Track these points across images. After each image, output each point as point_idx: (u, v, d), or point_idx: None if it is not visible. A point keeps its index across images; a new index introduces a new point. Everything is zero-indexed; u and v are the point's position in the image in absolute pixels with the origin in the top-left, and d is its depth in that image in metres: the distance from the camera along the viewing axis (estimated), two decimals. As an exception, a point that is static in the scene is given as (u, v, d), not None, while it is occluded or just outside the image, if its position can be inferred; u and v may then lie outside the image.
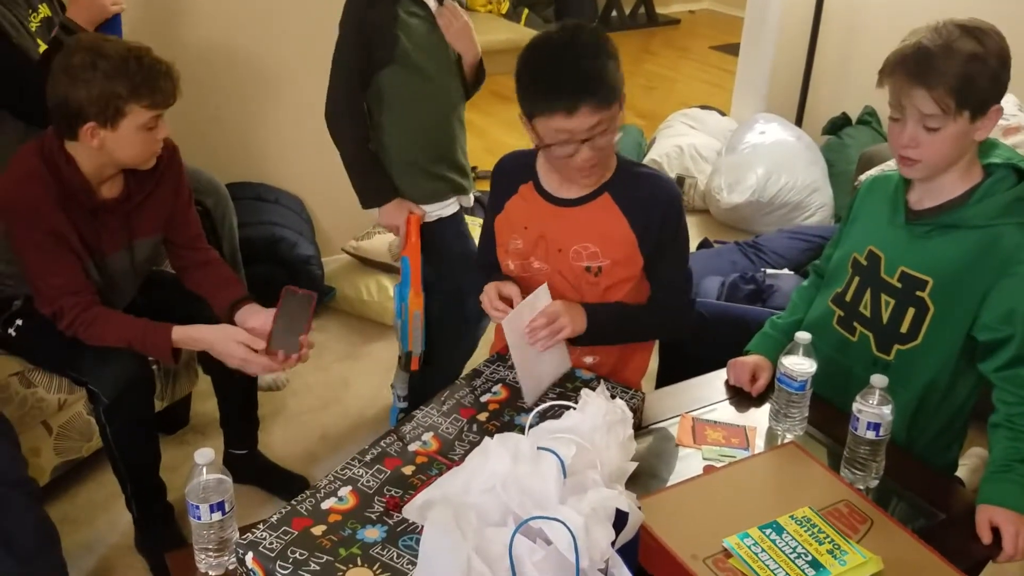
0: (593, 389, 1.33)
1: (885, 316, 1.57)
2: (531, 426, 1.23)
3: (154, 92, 1.72)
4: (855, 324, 1.61)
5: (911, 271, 1.52)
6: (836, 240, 1.73)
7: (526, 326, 1.53)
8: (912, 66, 1.41)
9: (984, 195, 1.47)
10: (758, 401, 1.66)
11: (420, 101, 2.11)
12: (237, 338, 1.79)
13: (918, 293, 1.52)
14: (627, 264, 1.64)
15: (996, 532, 1.36)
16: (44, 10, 2.18)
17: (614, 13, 6.86)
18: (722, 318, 2.24)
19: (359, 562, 1.17)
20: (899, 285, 1.54)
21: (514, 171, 1.71)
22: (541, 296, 1.57)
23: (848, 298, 1.62)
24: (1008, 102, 2.87)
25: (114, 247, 1.89)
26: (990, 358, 1.48)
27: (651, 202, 1.62)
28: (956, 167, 1.48)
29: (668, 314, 1.70)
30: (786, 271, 2.75)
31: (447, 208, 2.24)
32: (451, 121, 2.19)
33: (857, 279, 1.61)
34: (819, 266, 1.79)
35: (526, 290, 1.61)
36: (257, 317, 1.89)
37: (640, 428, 1.57)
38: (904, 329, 1.55)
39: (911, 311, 1.53)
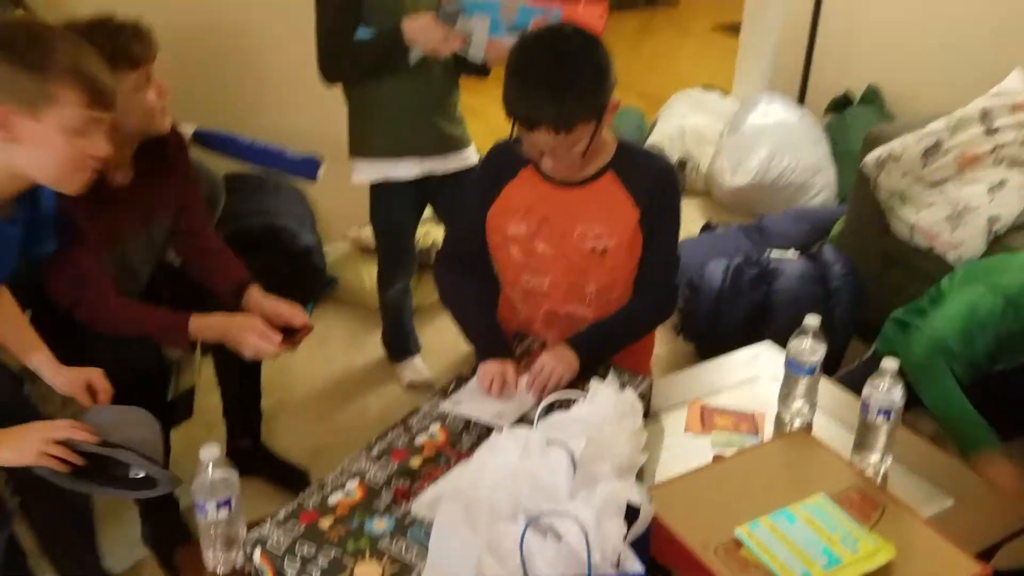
0: (603, 377, 1.31)
1: None
2: (539, 418, 1.21)
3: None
4: None
5: None
6: None
7: (527, 391, 1.49)
8: None
9: None
10: (766, 387, 1.65)
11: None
12: (253, 327, 1.79)
13: None
14: (632, 242, 1.63)
15: None
16: None
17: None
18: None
19: (367, 555, 1.16)
20: None
21: (512, 156, 1.69)
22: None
23: None
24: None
25: (132, 230, 1.88)
26: None
27: (651, 175, 1.62)
28: None
29: (655, 303, 1.68)
30: (791, 252, 2.72)
31: (391, 169, 2.22)
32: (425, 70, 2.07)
33: None
34: None
35: (531, 271, 1.66)
36: (265, 301, 1.89)
37: (648, 414, 1.56)
38: None
39: None
